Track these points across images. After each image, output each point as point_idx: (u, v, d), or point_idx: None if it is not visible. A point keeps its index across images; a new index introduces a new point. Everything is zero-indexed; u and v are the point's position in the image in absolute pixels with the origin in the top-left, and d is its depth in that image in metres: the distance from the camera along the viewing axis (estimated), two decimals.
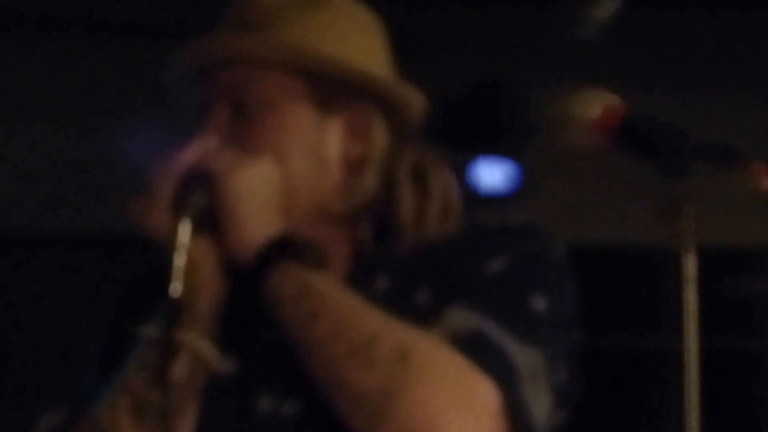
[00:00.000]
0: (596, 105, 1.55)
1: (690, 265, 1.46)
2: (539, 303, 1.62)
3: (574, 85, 1.54)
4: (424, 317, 1.60)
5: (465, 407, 1.56)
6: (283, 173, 1.67)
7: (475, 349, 1.54)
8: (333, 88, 1.68)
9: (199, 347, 1.61)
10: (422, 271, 1.66)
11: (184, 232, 1.59)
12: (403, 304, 1.61)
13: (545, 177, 4.24)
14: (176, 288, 1.57)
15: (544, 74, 3.56)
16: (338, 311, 1.60)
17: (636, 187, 3.50)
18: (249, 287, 1.64)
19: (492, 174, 4.14)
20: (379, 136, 1.69)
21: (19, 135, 4.42)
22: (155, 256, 1.64)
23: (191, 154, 1.64)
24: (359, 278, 1.67)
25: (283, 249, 1.63)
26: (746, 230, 4.26)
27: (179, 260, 1.59)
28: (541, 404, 1.57)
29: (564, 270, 1.67)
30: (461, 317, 1.59)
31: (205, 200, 1.61)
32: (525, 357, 1.57)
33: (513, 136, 4.13)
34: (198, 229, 1.59)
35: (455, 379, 1.55)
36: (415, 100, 1.71)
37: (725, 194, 1.54)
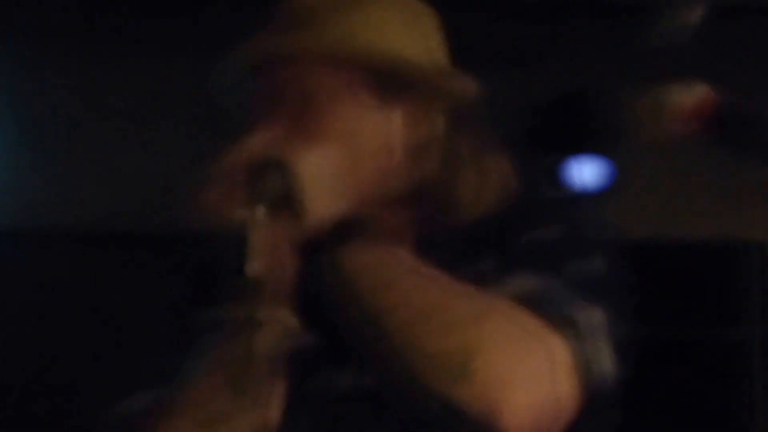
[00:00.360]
0: (691, 94, 1.66)
1: None
2: (593, 265, 1.67)
3: (664, 82, 1.64)
4: (489, 283, 1.64)
5: (539, 362, 1.60)
6: (349, 158, 1.73)
7: (541, 309, 1.59)
8: (391, 80, 1.74)
9: (281, 321, 1.65)
10: (483, 242, 1.72)
11: (259, 216, 1.63)
12: (467, 273, 1.66)
13: (634, 173, 4.27)
14: (255, 268, 1.61)
15: (631, 80, 3.76)
16: (410, 280, 1.67)
17: (721, 182, 3.63)
18: (319, 263, 1.71)
19: (585, 172, 4.23)
20: (437, 123, 1.75)
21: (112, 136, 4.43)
22: (218, 245, 1.68)
23: (258, 143, 1.69)
24: (423, 253, 1.71)
25: (352, 228, 1.70)
26: None
27: (257, 242, 1.63)
28: (603, 359, 1.62)
29: (609, 236, 1.74)
30: (525, 281, 1.64)
31: (276, 186, 1.67)
32: (585, 315, 1.61)
33: (604, 136, 4.17)
34: (271, 212, 1.64)
35: (527, 336, 1.59)
36: (469, 88, 1.76)
37: None
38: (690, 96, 1.68)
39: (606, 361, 1.61)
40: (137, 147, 4.34)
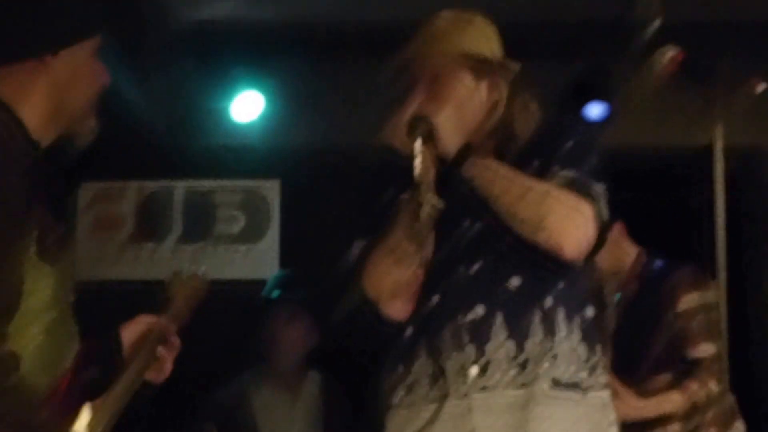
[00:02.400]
0: (669, 52, 2.33)
1: (719, 160, 2.16)
2: (594, 159, 2.21)
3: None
4: (539, 176, 2.18)
5: (583, 217, 2.14)
6: (461, 113, 2.22)
7: (577, 187, 2.15)
8: (482, 68, 2.28)
9: (431, 199, 2.17)
10: (530, 153, 2.23)
11: (418, 145, 2.17)
12: (525, 171, 2.18)
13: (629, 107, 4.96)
14: (418, 173, 2.15)
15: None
16: (506, 177, 2.16)
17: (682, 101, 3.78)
18: (450, 171, 2.19)
19: (596, 109, 5.04)
20: (504, 90, 2.29)
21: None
22: (393, 164, 2.22)
23: (412, 105, 2.24)
24: (499, 162, 2.21)
25: (470, 150, 2.20)
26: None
27: (418, 160, 2.14)
28: (606, 214, 2.19)
29: (597, 140, 2.26)
30: (563, 173, 2.16)
31: (425, 128, 2.18)
32: (598, 189, 2.18)
33: (608, 87, 4.97)
34: (423, 144, 2.18)
35: (574, 204, 2.14)
36: (517, 69, 2.27)
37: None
38: (670, 53, 2.20)
39: (607, 213, 2.19)
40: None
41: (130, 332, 2.33)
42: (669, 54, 2.27)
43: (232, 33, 5.05)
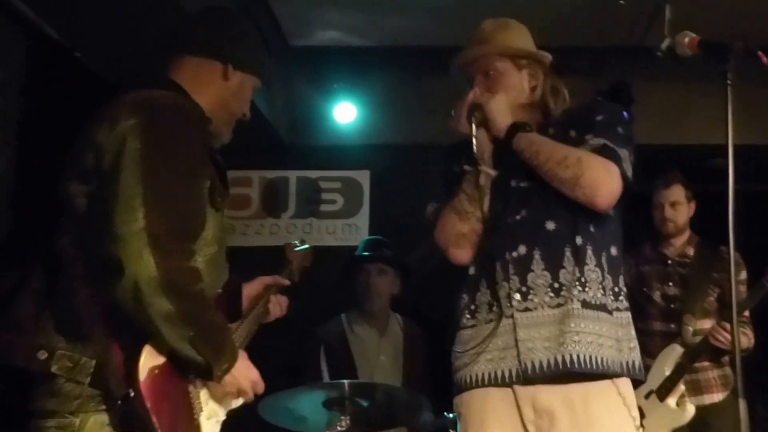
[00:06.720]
0: (687, 37, 2.13)
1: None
2: (621, 130, 2.33)
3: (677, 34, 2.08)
4: (575, 143, 2.30)
5: (610, 175, 2.25)
6: (510, 97, 2.39)
7: (606, 152, 2.26)
8: (521, 60, 2.45)
9: (487, 170, 2.37)
10: (568, 125, 2.35)
11: (474, 128, 2.34)
12: (563, 140, 2.32)
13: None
14: (475, 150, 2.32)
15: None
16: (548, 147, 2.28)
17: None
18: (503, 145, 2.33)
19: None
20: (540, 77, 2.46)
21: None
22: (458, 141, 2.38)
23: (470, 97, 2.39)
24: (541, 133, 2.35)
25: (517, 127, 2.34)
26: None
27: (474, 140, 2.32)
28: (630, 172, 2.27)
29: (624, 115, 2.34)
30: (595, 140, 2.27)
31: (480, 114, 2.35)
32: (624, 152, 2.29)
33: (627, 98, 5.02)
34: (478, 126, 2.35)
35: (603, 165, 2.24)
36: (550, 59, 2.43)
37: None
38: (687, 37, 2.07)
39: (631, 171, 2.28)
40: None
41: (249, 288, 2.58)
42: (688, 36, 2.14)
43: (334, 56, 5.46)
